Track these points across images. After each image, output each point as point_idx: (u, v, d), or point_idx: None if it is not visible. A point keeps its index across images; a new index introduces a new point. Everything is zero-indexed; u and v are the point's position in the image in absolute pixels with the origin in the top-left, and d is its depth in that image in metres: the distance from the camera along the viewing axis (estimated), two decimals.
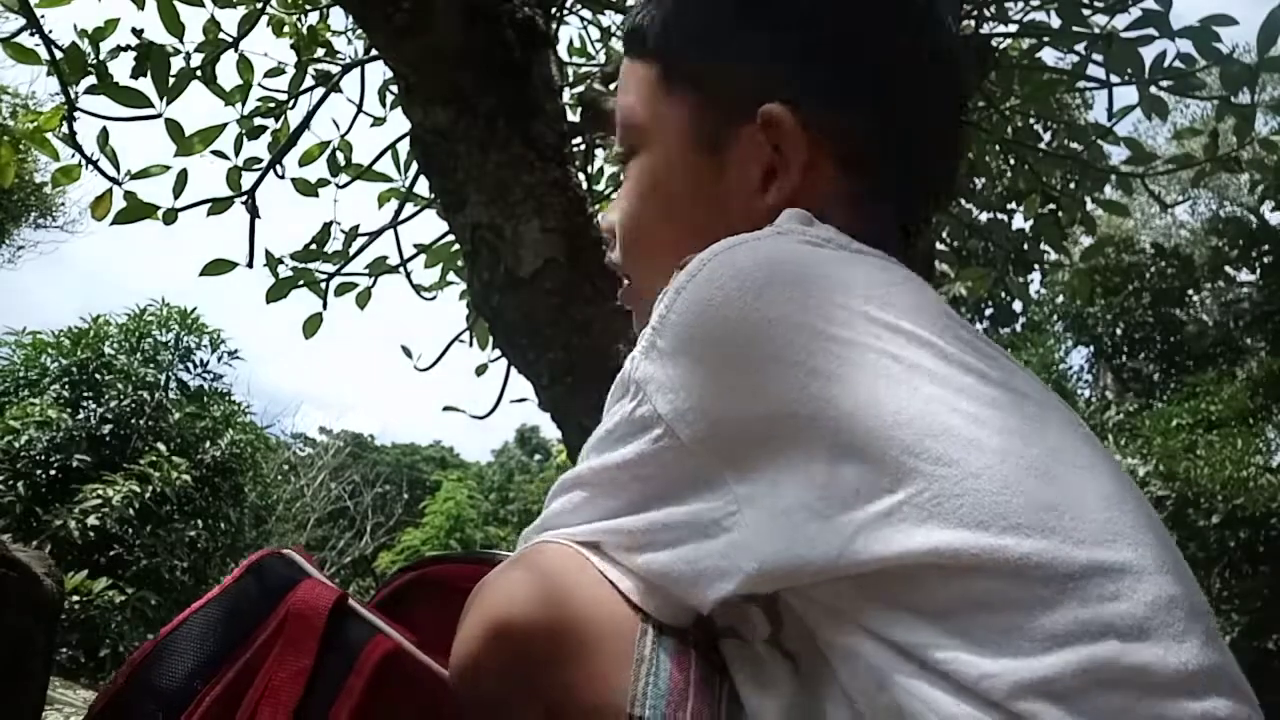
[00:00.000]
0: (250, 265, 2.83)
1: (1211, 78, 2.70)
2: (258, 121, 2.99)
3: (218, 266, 2.82)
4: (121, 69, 2.57)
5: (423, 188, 3.04)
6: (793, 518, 0.51)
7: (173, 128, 2.63)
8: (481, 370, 3.32)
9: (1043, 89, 2.99)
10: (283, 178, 2.96)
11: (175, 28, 2.64)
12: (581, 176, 2.26)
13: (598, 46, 3.82)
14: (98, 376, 9.56)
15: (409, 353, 3.25)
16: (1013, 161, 3.58)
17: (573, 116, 2.55)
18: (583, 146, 3.10)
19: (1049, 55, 3.14)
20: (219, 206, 2.86)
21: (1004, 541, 0.48)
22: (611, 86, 3.08)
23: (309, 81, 3.02)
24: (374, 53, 2.89)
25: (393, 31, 1.73)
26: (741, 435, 0.54)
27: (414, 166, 3.00)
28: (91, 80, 2.57)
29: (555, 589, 0.56)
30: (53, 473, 8.85)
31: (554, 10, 2.48)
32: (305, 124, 2.96)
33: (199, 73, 2.73)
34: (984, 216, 4.21)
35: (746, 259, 0.57)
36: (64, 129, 2.62)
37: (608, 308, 1.80)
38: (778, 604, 0.56)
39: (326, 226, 3.06)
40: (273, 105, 3.02)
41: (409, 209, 3.10)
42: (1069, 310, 12.42)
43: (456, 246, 2.93)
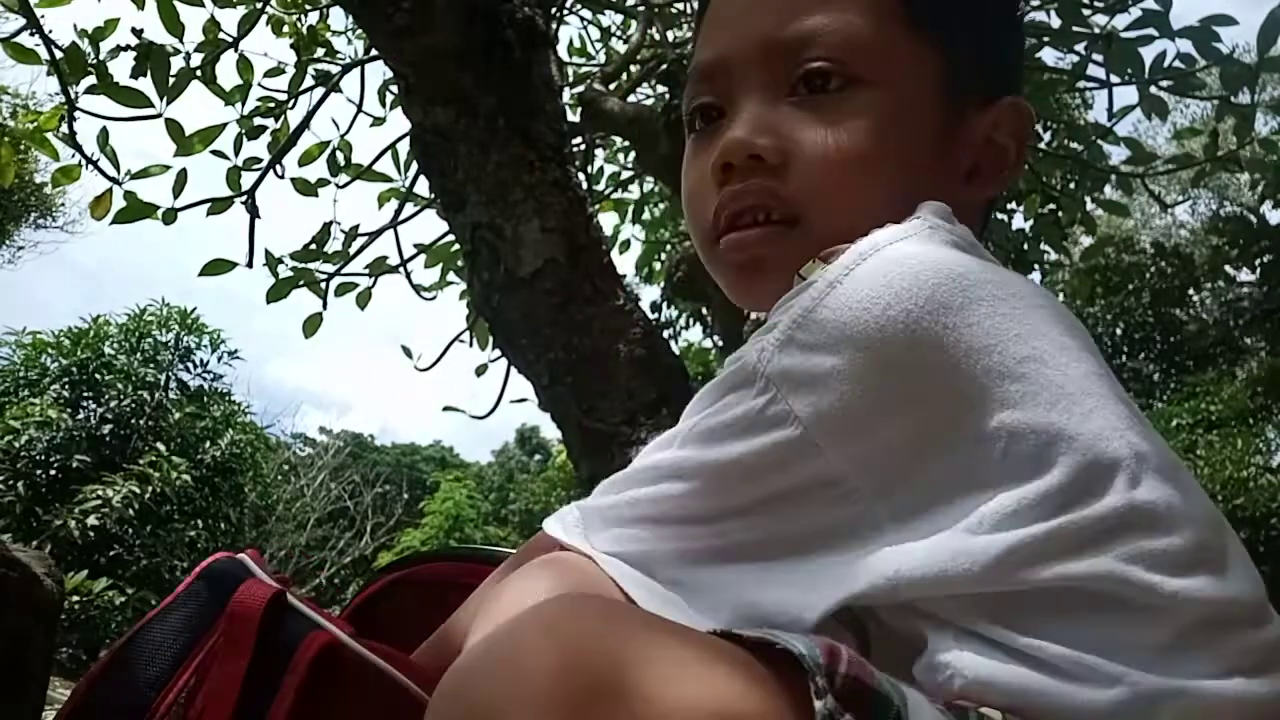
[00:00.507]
0: (250, 265, 2.84)
1: (1211, 78, 2.70)
2: (258, 121, 2.99)
3: (218, 266, 2.82)
4: (121, 69, 2.58)
5: (423, 188, 3.04)
6: (943, 533, 0.49)
7: (173, 128, 2.63)
8: (481, 370, 3.32)
9: (1043, 89, 2.99)
10: (283, 178, 2.96)
11: (175, 28, 2.64)
12: (581, 176, 2.26)
13: (598, 46, 3.83)
14: (98, 376, 9.56)
15: (409, 353, 3.25)
16: None
17: (573, 116, 2.55)
18: (583, 146, 3.10)
19: (1049, 55, 3.14)
20: (219, 206, 2.86)
21: (1192, 583, 0.48)
22: (612, 86, 3.08)
23: (309, 81, 3.02)
24: (374, 53, 2.89)
25: (393, 31, 1.73)
26: (892, 446, 0.51)
27: (414, 166, 3.00)
28: (91, 80, 2.57)
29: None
30: (53, 473, 8.85)
31: (554, 10, 2.48)
32: (305, 124, 2.96)
33: (199, 73, 2.73)
34: None
35: (916, 260, 0.53)
36: (64, 129, 2.62)
37: (608, 307, 1.80)
38: (863, 622, 0.53)
39: (326, 226, 3.06)
40: (272, 105, 3.02)
41: (409, 209, 3.10)
42: (1069, 310, 12.40)
43: (456, 246, 2.93)
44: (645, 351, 1.78)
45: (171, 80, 2.59)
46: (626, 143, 3.26)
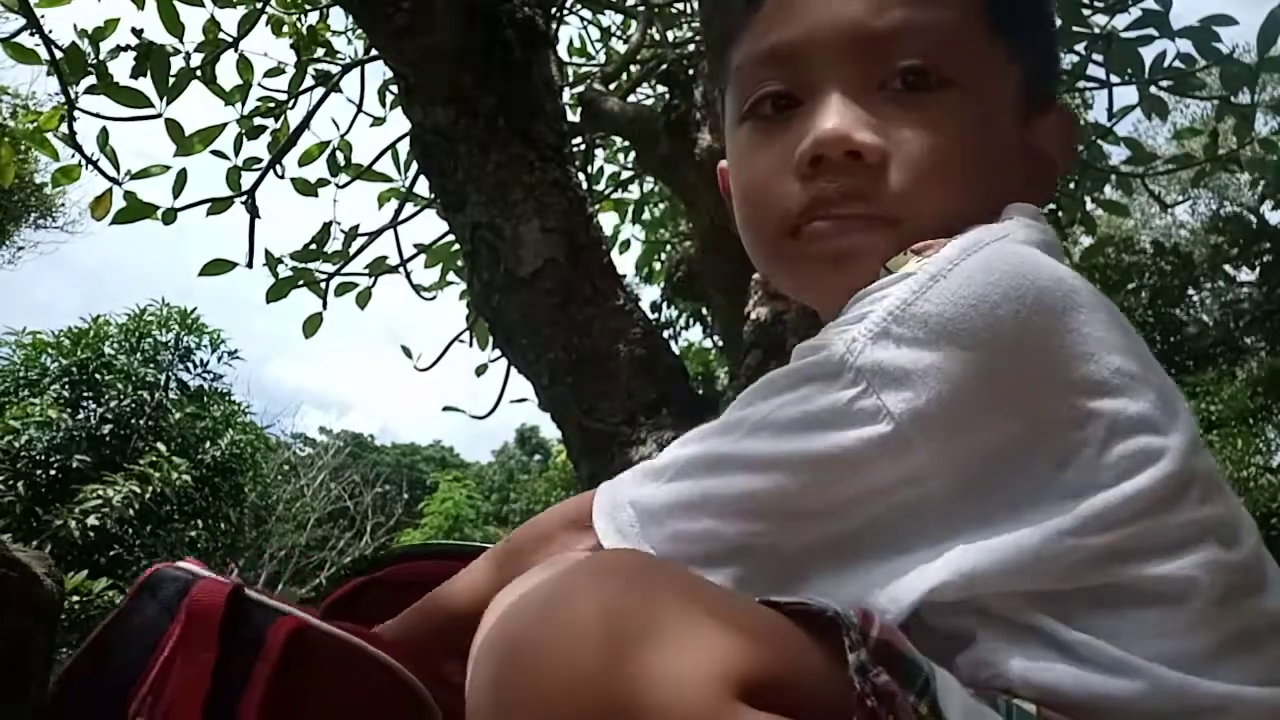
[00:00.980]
0: (250, 265, 2.84)
1: (1211, 78, 2.70)
2: (257, 121, 2.99)
3: (218, 266, 2.82)
4: (121, 69, 2.58)
5: (423, 188, 3.04)
6: (1027, 529, 0.50)
7: (173, 128, 2.63)
8: (481, 370, 3.32)
9: None
10: (283, 178, 2.96)
11: (175, 28, 2.64)
12: (581, 176, 2.26)
13: (598, 46, 3.83)
14: (98, 376, 9.56)
15: (409, 353, 3.25)
16: None
17: (573, 116, 2.55)
18: (583, 146, 3.10)
19: None
20: (219, 206, 2.86)
21: (1247, 594, 0.52)
22: (612, 86, 3.08)
23: (309, 81, 3.02)
24: (374, 53, 2.89)
25: (393, 31, 1.73)
26: (984, 446, 0.51)
27: (414, 166, 3.00)
28: (91, 80, 2.57)
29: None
30: (53, 473, 8.85)
31: (554, 10, 2.48)
32: (305, 124, 2.96)
33: (199, 73, 2.73)
34: None
35: (1020, 260, 0.52)
36: (64, 129, 2.62)
37: (608, 308, 1.80)
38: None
39: (326, 226, 3.06)
40: (272, 105, 3.02)
41: (409, 209, 3.10)
42: None
43: (456, 246, 2.93)
44: (645, 351, 1.78)
45: (171, 80, 2.59)
46: (626, 143, 3.26)
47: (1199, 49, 2.48)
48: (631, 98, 3.08)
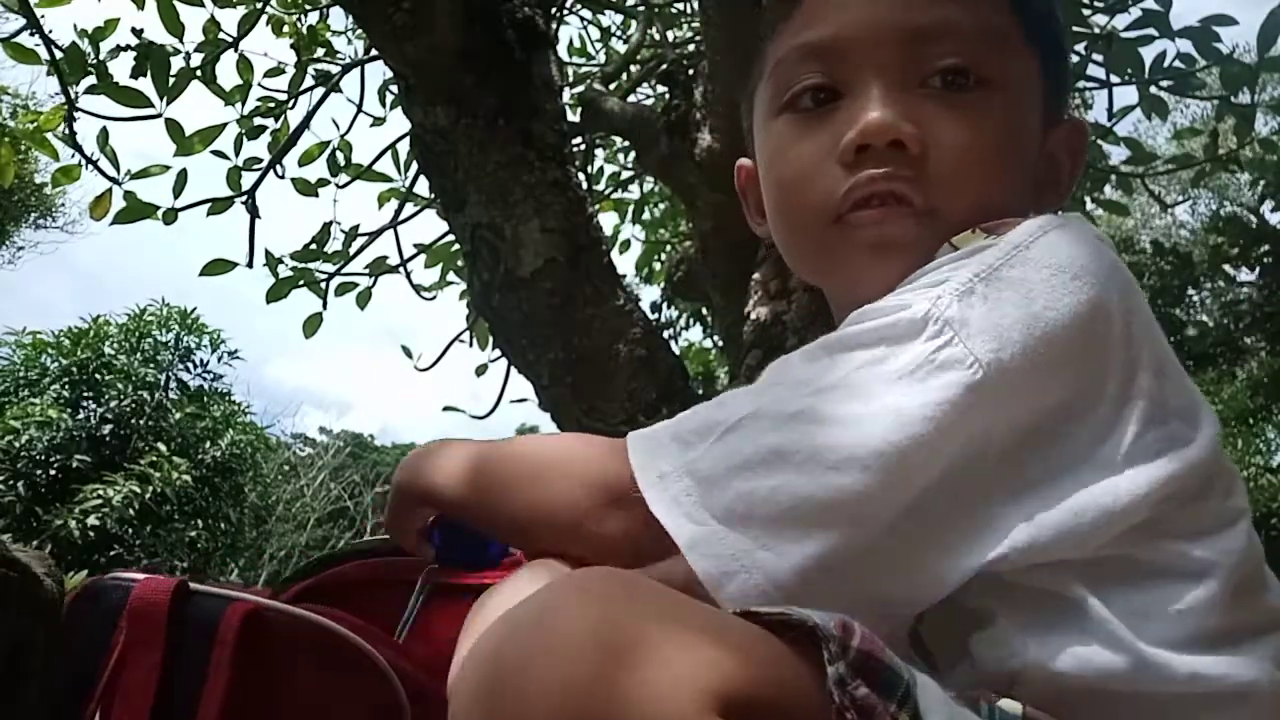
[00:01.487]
0: (250, 265, 2.84)
1: (1211, 78, 2.70)
2: (258, 121, 2.99)
3: (218, 266, 2.82)
4: (121, 69, 2.58)
5: (423, 188, 3.04)
6: (1074, 497, 0.51)
7: (173, 128, 2.63)
8: (481, 370, 3.32)
9: None
10: (283, 178, 2.96)
11: (175, 28, 2.64)
12: (581, 176, 2.26)
13: (598, 46, 3.83)
14: (98, 376, 9.56)
15: (409, 353, 3.25)
16: None
17: (573, 116, 2.55)
18: (583, 146, 3.10)
19: None
20: (219, 206, 2.86)
21: (1260, 589, 0.55)
22: (612, 86, 3.08)
23: (309, 81, 3.02)
24: (374, 53, 2.89)
25: (393, 31, 1.73)
26: (1047, 410, 0.52)
27: (414, 166, 3.00)
28: (91, 80, 2.57)
29: None
30: (53, 473, 8.85)
31: (554, 10, 2.48)
32: (305, 124, 2.96)
33: (199, 73, 2.73)
34: None
35: (1094, 241, 0.55)
36: (64, 129, 2.62)
37: (608, 308, 1.80)
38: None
39: (326, 226, 3.06)
40: (273, 105, 3.02)
41: (409, 209, 3.10)
42: None
43: (456, 246, 2.93)
44: (645, 351, 1.78)
45: (171, 80, 2.59)
46: (626, 143, 3.26)
47: (1199, 49, 2.47)
48: (631, 98, 3.08)
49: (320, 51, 3.09)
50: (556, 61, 2.03)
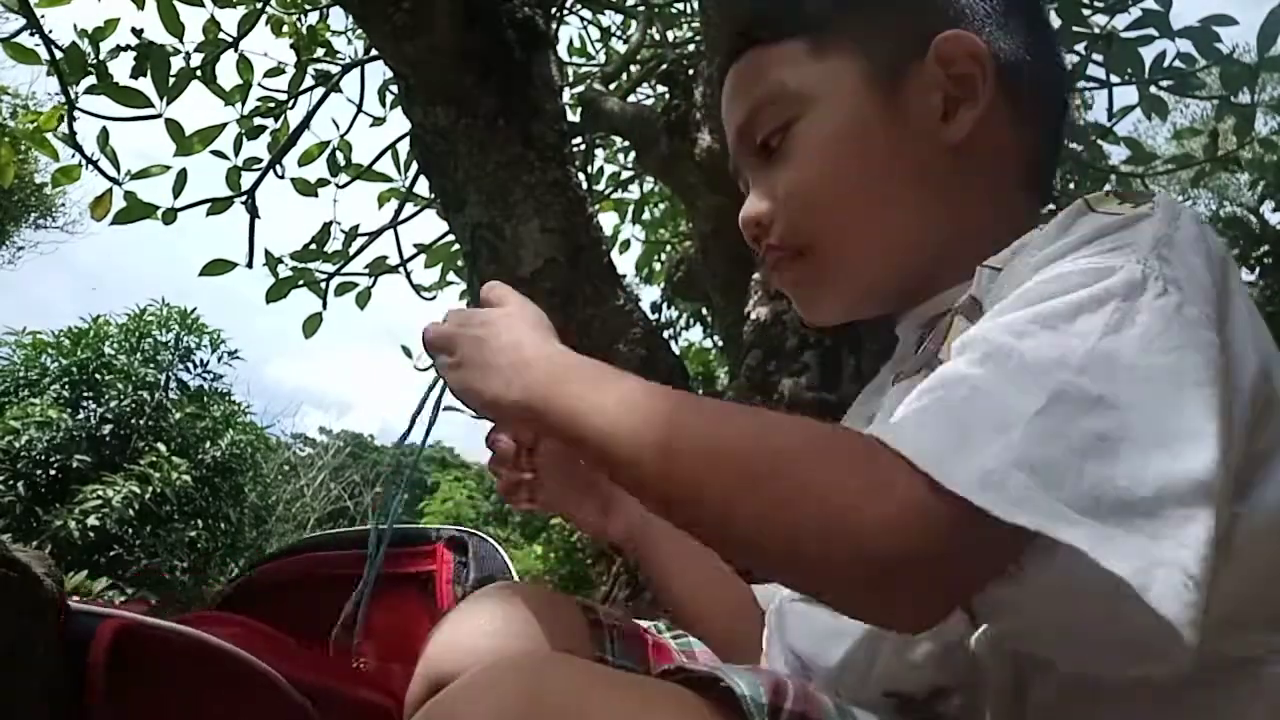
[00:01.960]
0: (250, 265, 2.84)
1: (1211, 78, 2.70)
2: (257, 121, 2.99)
3: (218, 266, 2.82)
4: (121, 69, 2.58)
5: (423, 188, 3.04)
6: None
7: (173, 128, 2.63)
8: None
9: None
10: (283, 178, 2.96)
11: (175, 28, 2.64)
12: (581, 176, 2.26)
13: (598, 46, 3.83)
14: (98, 376, 9.55)
15: (409, 353, 3.25)
16: None
17: (573, 116, 2.55)
18: (583, 146, 3.10)
19: None
20: (219, 206, 2.86)
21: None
22: (612, 86, 3.08)
23: (309, 81, 3.02)
24: (374, 53, 2.89)
25: (393, 31, 1.73)
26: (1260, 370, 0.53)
27: (414, 166, 3.00)
28: (91, 80, 2.57)
29: None
30: (53, 473, 8.84)
31: (554, 10, 2.48)
32: (305, 124, 2.96)
33: (199, 73, 2.74)
34: None
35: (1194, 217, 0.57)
36: (64, 129, 2.62)
37: (608, 308, 1.80)
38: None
39: (326, 226, 3.06)
40: (272, 105, 3.02)
41: (409, 209, 3.10)
42: None
43: (456, 246, 2.93)
44: (645, 351, 1.78)
45: (171, 80, 2.59)
46: (626, 143, 3.26)
47: (1199, 49, 2.47)
48: (631, 98, 3.08)
49: (320, 51, 3.09)
50: (556, 61, 2.03)
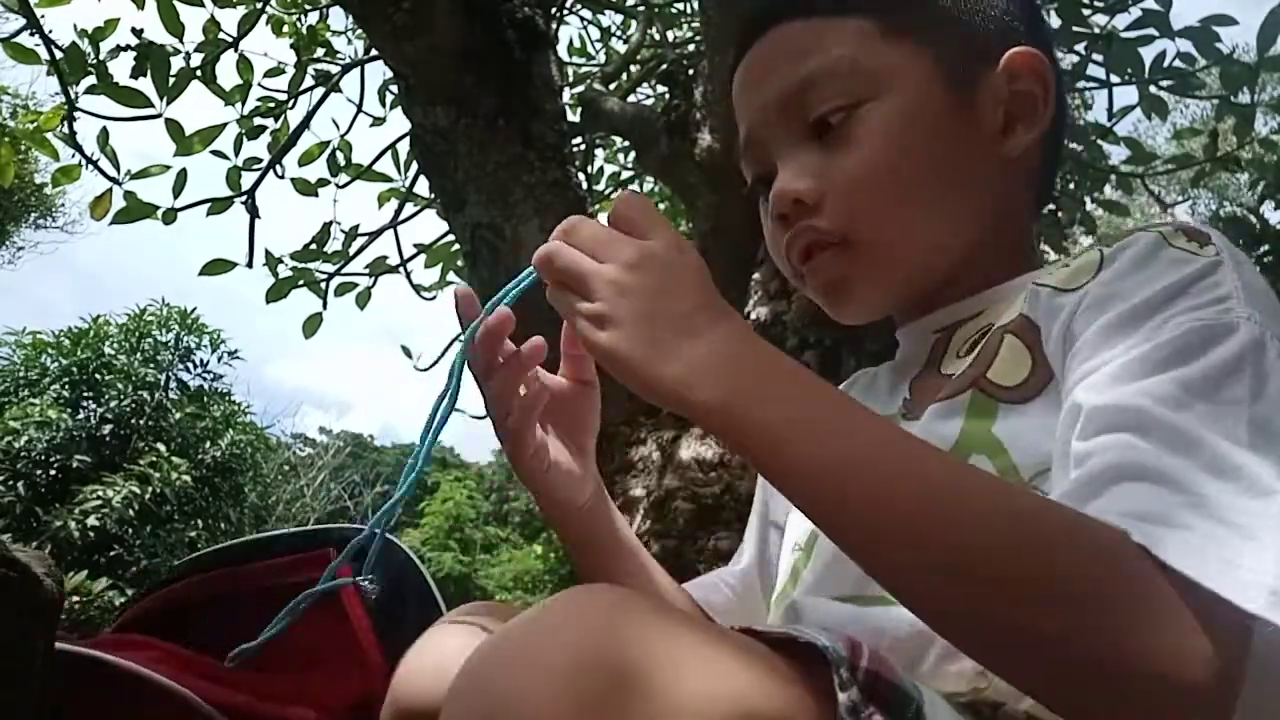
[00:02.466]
0: (250, 265, 2.84)
1: (1211, 78, 2.70)
2: (257, 121, 2.99)
3: (218, 266, 2.82)
4: (121, 69, 2.58)
5: (423, 188, 3.04)
6: None
7: (173, 128, 2.63)
8: None
9: None
10: (283, 178, 2.96)
11: (175, 28, 2.64)
12: (581, 176, 2.26)
13: (598, 46, 3.83)
14: (98, 376, 9.55)
15: (409, 353, 3.25)
16: None
17: (573, 116, 2.55)
18: (583, 146, 3.10)
19: None
20: (219, 206, 2.86)
21: None
22: (612, 86, 3.08)
23: (309, 81, 3.02)
24: (374, 53, 2.89)
25: (393, 31, 1.73)
26: None
27: (414, 166, 3.00)
28: (91, 80, 2.57)
29: None
30: (53, 473, 8.84)
31: (554, 10, 2.48)
32: (305, 124, 2.96)
33: (199, 73, 2.74)
34: None
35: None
36: (64, 129, 2.62)
37: None
38: None
39: (326, 226, 3.06)
40: (272, 105, 3.02)
41: (409, 209, 3.10)
42: None
43: (456, 246, 2.93)
44: None
45: (171, 80, 2.59)
46: (626, 143, 3.26)
47: (1199, 49, 2.48)
48: (631, 98, 3.08)
49: (320, 51, 3.09)
50: (556, 61, 2.03)
